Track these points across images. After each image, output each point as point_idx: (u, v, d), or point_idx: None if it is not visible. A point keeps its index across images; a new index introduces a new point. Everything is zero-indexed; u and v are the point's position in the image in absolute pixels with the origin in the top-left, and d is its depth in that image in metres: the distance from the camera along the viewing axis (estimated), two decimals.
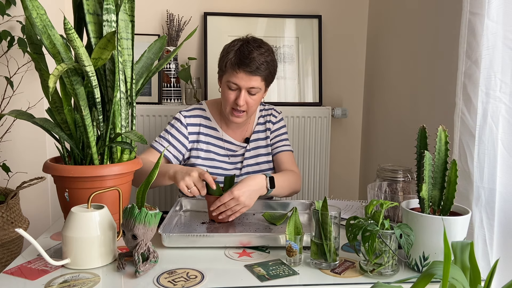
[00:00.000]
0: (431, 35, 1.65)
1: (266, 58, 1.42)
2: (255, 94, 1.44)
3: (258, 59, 1.39)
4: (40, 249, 0.92)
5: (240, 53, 1.40)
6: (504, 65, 1.05)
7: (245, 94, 1.43)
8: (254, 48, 1.40)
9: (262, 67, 1.41)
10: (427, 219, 0.94)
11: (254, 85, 1.42)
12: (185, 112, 1.56)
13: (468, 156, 1.12)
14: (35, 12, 1.04)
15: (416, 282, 0.57)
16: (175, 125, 1.53)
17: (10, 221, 1.68)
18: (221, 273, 0.97)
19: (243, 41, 1.44)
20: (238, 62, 1.39)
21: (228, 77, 1.43)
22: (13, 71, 1.80)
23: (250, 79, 1.40)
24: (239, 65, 1.39)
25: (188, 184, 1.21)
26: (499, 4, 1.04)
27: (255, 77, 1.41)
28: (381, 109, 2.16)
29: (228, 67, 1.41)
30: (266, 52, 1.43)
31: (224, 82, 1.46)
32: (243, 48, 1.40)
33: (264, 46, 1.44)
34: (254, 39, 1.45)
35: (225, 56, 1.44)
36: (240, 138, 1.60)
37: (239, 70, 1.39)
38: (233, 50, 1.42)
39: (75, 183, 1.10)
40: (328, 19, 2.28)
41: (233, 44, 1.44)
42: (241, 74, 1.39)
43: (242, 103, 1.42)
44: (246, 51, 1.39)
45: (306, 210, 1.37)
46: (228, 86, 1.43)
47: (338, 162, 2.41)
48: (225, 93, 1.45)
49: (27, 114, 1.17)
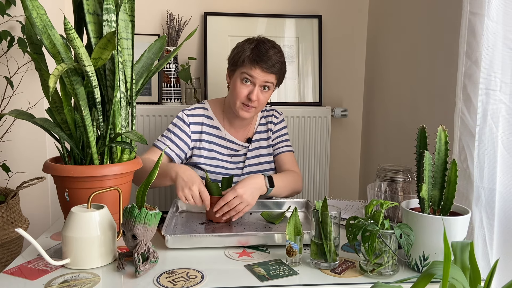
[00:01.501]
0: (431, 35, 1.65)
1: (280, 58, 1.48)
2: (267, 90, 1.48)
3: (274, 58, 1.45)
4: (40, 249, 0.92)
5: (258, 50, 1.44)
6: (504, 65, 1.05)
7: (258, 89, 1.46)
8: (270, 48, 1.46)
9: (277, 66, 1.46)
10: (427, 219, 0.94)
11: (269, 81, 1.46)
12: (188, 111, 1.56)
13: (468, 156, 1.12)
14: (35, 12, 1.04)
15: (416, 282, 0.57)
16: (178, 124, 1.53)
17: (10, 221, 1.68)
18: (221, 273, 0.97)
19: (259, 41, 1.48)
20: (256, 59, 1.43)
21: (243, 70, 1.45)
22: (13, 71, 1.80)
23: (265, 75, 1.44)
24: (258, 61, 1.43)
25: (187, 198, 1.23)
26: (499, 4, 1.04)
27: (271, 74, 1.45)
28: (381, 109, 2.16)
29: (246, 62, 1.44)
30: (279, 53, 1.49)
31: (237, 76, 1.47)
32: (260, 47, 1.45)
33: (277, 47, 1.50)
34: (268, 40, 1.50)
35: (241, 52, 1.47)
36: (242, 138, 1.60)
37: (257, 66, 1.43)
38: (249, 47, 1.46)
39: (75, 183, 1.10)
40: (328, 19, 2.28)
41: (248, 42, 1.48)
42: (258, 70, 1.43)
43: (255, 98, 1.45)
44: (263, 49, 1.44)
45: (302, 208, 1.38)
46: (242, 79, 1.46)
47: (338, 162, 2.41)
48: (238, 87, 1.46)
49: (27, 114, 1.17)
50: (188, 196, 1.22)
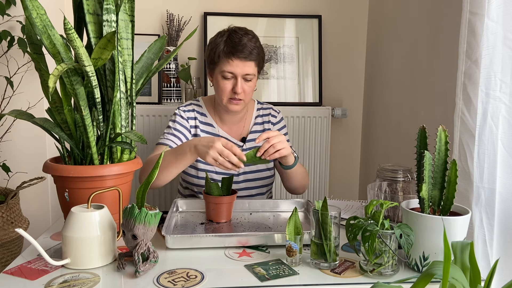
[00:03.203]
0: (431, 35, 1.65)
1: (256, 43, 1.46)
2: (251, 80, 1.47)
3: (249, 45, 1.42)
4: (40, 249, 0.92)
5: (231, 41, 1.42)
6: (504, 65, 1.05)
7: (241, 81, 1.44)
8: (242, 35, 1.43)
9: (254, 52, 1.44)
10: (427, 219, 0.94)
11: (249, 71, 1.44)
12: (183, 107, 1.57)
13: (468, 156, 1.12)
14: (35, 12, 1.04)
15: (416, 282, 0.57)
16: (177, 120, 1.54)
17: (10, 221, 1.68)
18: (221, 273, 0.97)
19: (229, 31, 1.46)
20: (231, 51, 1.41)
21: (222, 67, 1.44)
22: (13, 71, 1.81)
23: (244, 65, 1.43)
24: (233, 53, 1.41)
25: (217, 159, 1.20)
26: (499, 4, 1.04)
27: (249, 62, 1.44)
28: (381, 109, 2.16)
29: (222, 57, 1.43)
30: (254, 38, 1.46)
31: (217, 73, 1.47)
32: (232, 37, 1.43)
33: (250, 33, 1.47)
34: (239, 28, 1.48)
35: (214, 48, 1.45)
36: (236, 135, 1.58)
37: (234, 57, 1.41)
38: (222, 40, 1.44)
39: (75, 183, 1.10)
40: (328, 19, 2.28)
41: (220, 35, 1.46)
42: (236, 61, 1.41)
43: (240, 90, 1.44)
44: (236, 39, 1.42)
45: (302, 208, 1.38)
46: (223, 76, 1.45)
47: (338, 162, 2.41)
48: (221, 84, 1.46)
49: (27, 114, 1.17)
50: (216, 155, 1.19)
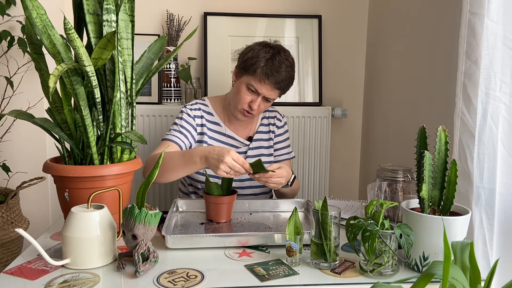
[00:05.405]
0: (431, 34, 1.65)
1: (290, 73, 1.48)
2: (269, 102, 1.50)
3: (285, 74, 1.45)
4: (40, 249, 0.92)
5: (272, 64, 1.43)
6: (504, 65, 1.05)
7: (261, 100, 1.47)
8: (283, 61, 1.44)
9: (285, 82, 1.47)
10: (427, 219, 0.94)
11: (273, 96, 1.48)
12: (189, 105, 1.58)
13: (468, 156, 1.12)
14: (35, 12, 1.04)
15: (416, 282, 0.57)
16: (184, 117, 1.54)
17: (10, 221, 1.68)
18: (221, 273, 0.97)
19: (274, 51, 1.45)
20: (268, 73, 1.42)
21: (252, 80, 1.44)
22: (13, 71, 1.80)
23: (272, 90, 1.46)
24: (269, 75, 1.42)
25: (227, 171, 1.22)
26: (499, 4, 1.04)
27: (277, 90, 1.47)
28: (381, 109, 2.16)
29: (258, 74, 1.43)
30: (290, 66, 1.48)
31: (243, 81, 1.47)
32: (275, 59, 1.43)
33: (290, 59, 1.49)
34: (283, 49, 1.49)
35: (255, 59, 1.44)
36: (242, 134, 1.62)
37: (267, 80, 1.43)
38: (264, 58, 1.43)
39: (75, 183, 1.10)
40: (328, 19, 2.28)
41: (264, 51, 1.45)
42: (267, 84, 1.44)
43: (256, 107, 1.47)
44: (277, 63, 1.43)
45: (302, 208, 1.38)
46: (248, 87, 1.46)
47: (338, 162, 2.41)
48: (242, 93, 1.47)
49: (27, 114, 1.17)
50: (227, 170, 1.21)
